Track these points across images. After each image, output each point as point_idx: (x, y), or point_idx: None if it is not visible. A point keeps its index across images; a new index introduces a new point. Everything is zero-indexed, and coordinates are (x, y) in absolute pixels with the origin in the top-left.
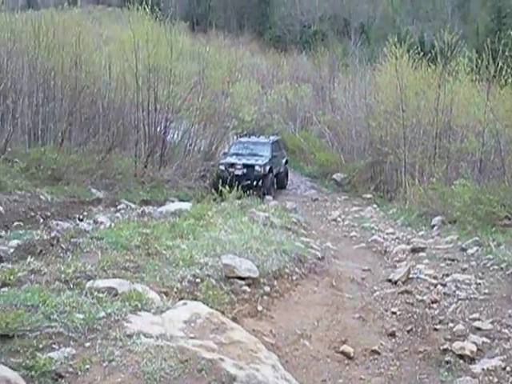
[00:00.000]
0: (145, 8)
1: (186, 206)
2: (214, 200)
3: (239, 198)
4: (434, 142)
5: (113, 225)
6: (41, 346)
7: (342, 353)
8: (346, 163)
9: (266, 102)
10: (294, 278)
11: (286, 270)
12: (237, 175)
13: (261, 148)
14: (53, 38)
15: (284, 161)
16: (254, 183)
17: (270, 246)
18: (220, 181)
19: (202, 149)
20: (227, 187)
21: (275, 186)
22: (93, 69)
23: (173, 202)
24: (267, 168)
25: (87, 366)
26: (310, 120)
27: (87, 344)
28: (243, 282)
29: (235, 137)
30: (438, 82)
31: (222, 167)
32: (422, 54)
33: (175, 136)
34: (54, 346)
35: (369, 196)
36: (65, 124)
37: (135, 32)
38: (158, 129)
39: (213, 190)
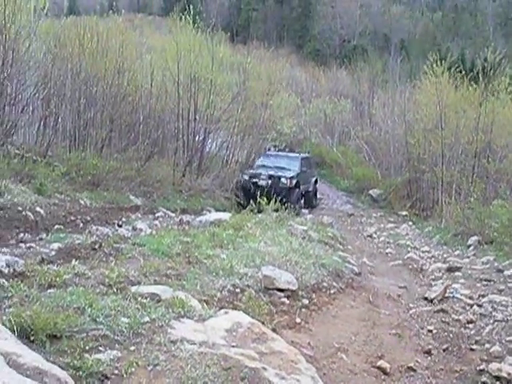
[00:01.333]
0: (187, 18)
1: (225, 216)
2: (252, 211)
3: (276, 210)
4: (473, 161)
5: (153, 232)
6: (87, 347)
7: (379, 368)
8: (382, 179)
9: (304, 116)
10: (332, 291)
11: (324, 283)
12: (260, 186)
13: (289, 162)
14: (96, 46)
15: (313, 180)
16: (279, 197)
17: (309, 259)
18: (242, 192)
19: (239, 160)
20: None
21: (302, 204)
22: (135, 77)
23: (209, 211)
24: (294, 182)
25: (132, 369)
26: (347, 135)
27: (132, 348)
28: (282, 294)
29: (271, 148)
30: (479, 101)
31: (246, 177)
32: (462, 72)
33: (214, 146)
34: (100, 348)
35: (404, 213)
36: (106, 130)
37: (178, 41)
38: (197, 138)
39: (237, 200)
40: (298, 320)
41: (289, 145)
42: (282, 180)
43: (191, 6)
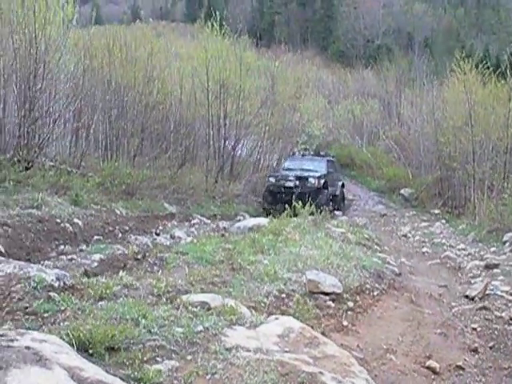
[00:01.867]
0: (213, 24)
1: (263, 221)
2: (288, 216)
3: (312, 214)
4: (505, 157)
5: (194, 240)
6: (145, 358)
7: (428, 368)
8: (413, 178)
9: (332, 117)
10: (375, 293)
11: (366, 285)
12: (288, 187)
13: (315, 164)
14: (126, 55)
15: (340, 183)
16: (307, 198)
17: (350, 261)
18: (269, 195)
19: (270, 164)
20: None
21: (330, 206)
22: (164, 85)
23: (243, 216)
24: (322, 182)
25: (192, 379)
26: (376, 135)
27: (189, 357)
28: (327, 298)
29: (297, 152)
30: (508, 97)
31: (272, 179)
32: (489, 68)
33: (244, 151)
34: (157, 358)
35: (437, 211)
36: (137, 139)
37: (206, 48)
38: (228, 144)
39: (263, 206)
40: (345, 323)
41: (318, 147)
42: (310, 180)
43: (216, 12)
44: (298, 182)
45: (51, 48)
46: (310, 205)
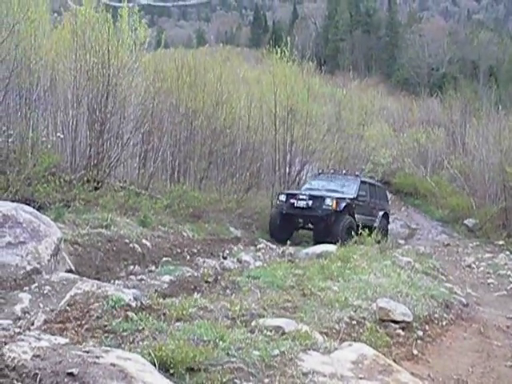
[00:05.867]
0: (281, 50)
1: (331, 248)
2: (356, 243)
3: (378, 242)
4: None
5: (263, 264)
6: (224, 380)
7: None
8: (477, 209)
9: (397, 145)
10: (444, 323)
11: (435, 315)
12: (298, 208)
13: (344, 184)
14: (195, 79)
15: (381, 214)
16: (320, 223)
17: (418, 290)
18: (277, 217)
19: None
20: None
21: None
22: (233, 109)
23: (307, 242)
24: (343, 205)
25: None
26: (440, 164)
27: (266, 380)
28: (397, 326)
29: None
30: None
31: (282, 197)
32: None
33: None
34: (236, 380)
35: (501, 242)
36: (205, 163)
37: (274, 73)
38: (293, 169)
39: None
40: (415, 352)
41: (383, 175)
42: (327, 201)
43: (287, 38)
44: (311, 203)
45: (123, 71)
46: (323, 234)
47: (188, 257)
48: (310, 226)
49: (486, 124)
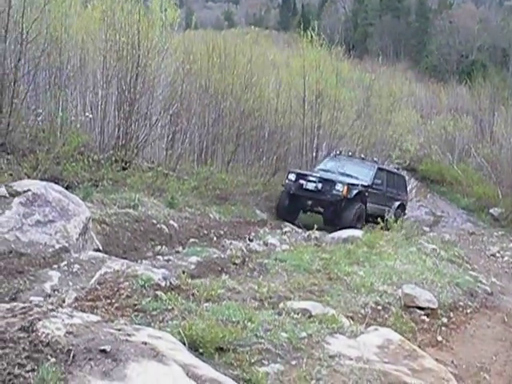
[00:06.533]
0: (311, 34)
1: (357, 233)
2: (382, 229)
3: (402, 228)
4: None
5: (290, 248)
6: (253, 360)
7: None
8: (503, 198)
9: (424, 132)
10: (468, 311)
11: (460, 302)
12: (306, 190)
13: (360, 169)
14: (225, 61)
15: (397, 204)
16: (328, 208)
17: (443, 278)
18: (286, 197)
19: None
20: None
21: (361, 224)
22: (262, 92)
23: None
24: (354, 192)
25: (296, 383)
26: (467, 152)
27: (293, 362)
28: (422, 312)
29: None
30: None
31: (292, 177)
32: None
33: None
34: (264, 361)
35: None
36: (233, 145)
37: (304, 57)
38: (320, 154)
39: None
40: (439, 338)
41: (411, 162)
42: (337, 186)
43: (310, 21)
44: (320, 186)
45: (152, 52)
46: (331, 219)
47: (215, 238)
48: (319, 209)
49: None
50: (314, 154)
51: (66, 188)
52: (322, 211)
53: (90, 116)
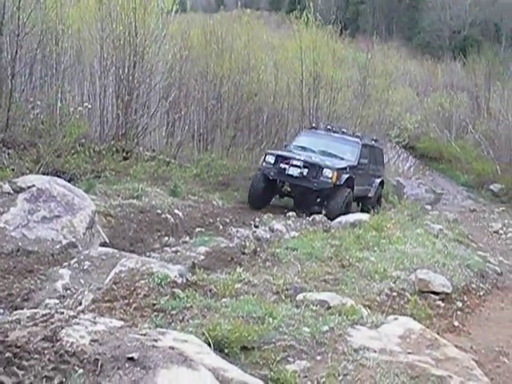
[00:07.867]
0: (306, 15)
1: (364, 216)
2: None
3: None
4: None
5: (297, 234)
6: (278, 358)
7: None
8: (502, 173)
9: (421, 110)
10: (481, 293)
11: (472, 285)
12: (289, 176)
13: (343, 148)
14: (222, 45)
15: (378, 182)
16: (316, 198)
17: (454, 260)
18: (262, 181)
19: None
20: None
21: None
22: (260, 76)
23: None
24: (344, 178)
25: (323, 380)
26: (465, 129)
27: (318, 357)
28: (437, 297)
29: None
30: None
31: (271, 159)
32: None
33: None
34: (289, 358)
35: None
36: (232, 130)
37: (300, 38)
38: None
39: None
40: (456, 323)
41: (409, 140)
42: (325, 172)
43: (308, 2)
44: (306, 171)
45: (150, 39)
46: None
47: (221, 226)
48: (303, 197)
49: (510, 87)
50: None
51: (69, 181)
52: (302, 197)
53: (89, 106)
